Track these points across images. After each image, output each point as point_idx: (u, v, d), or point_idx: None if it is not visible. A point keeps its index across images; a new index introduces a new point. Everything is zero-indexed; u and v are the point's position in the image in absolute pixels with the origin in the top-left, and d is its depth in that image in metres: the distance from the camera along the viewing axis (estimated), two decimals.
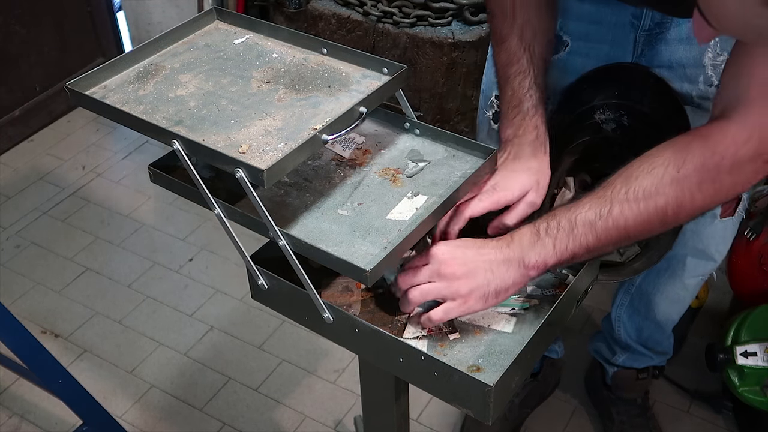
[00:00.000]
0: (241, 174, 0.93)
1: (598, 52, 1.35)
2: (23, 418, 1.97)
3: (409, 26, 2.38)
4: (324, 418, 1.96)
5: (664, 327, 1.71)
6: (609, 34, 1.33)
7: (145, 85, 1.11)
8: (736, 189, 1.02)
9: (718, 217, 1.42)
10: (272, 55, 1.17)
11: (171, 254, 2.44)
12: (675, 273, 1.55)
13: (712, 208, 1.07)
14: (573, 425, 1.95)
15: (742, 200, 1.42)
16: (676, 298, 1.62)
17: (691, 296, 1.63)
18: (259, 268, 1.06)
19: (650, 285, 1.63)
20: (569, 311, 1.09)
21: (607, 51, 1.34)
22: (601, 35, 1.33)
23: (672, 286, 1.59)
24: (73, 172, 2.77)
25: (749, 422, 1.89)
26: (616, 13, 1.30)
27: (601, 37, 1.34)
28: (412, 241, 1.01)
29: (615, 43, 1.33)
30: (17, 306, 2.25)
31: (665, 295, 1.61)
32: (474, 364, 1.01)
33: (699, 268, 1.54)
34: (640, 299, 1.67)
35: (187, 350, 2.14)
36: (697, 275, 1.56)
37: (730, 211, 1.41)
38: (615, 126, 1.33)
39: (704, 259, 1.52)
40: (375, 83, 1.09)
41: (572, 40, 1.36)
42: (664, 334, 1.75)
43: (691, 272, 1.54)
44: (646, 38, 1.31)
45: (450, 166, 1.11)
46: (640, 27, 1.30)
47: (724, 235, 1.48)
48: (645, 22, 1.29)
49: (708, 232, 1.46)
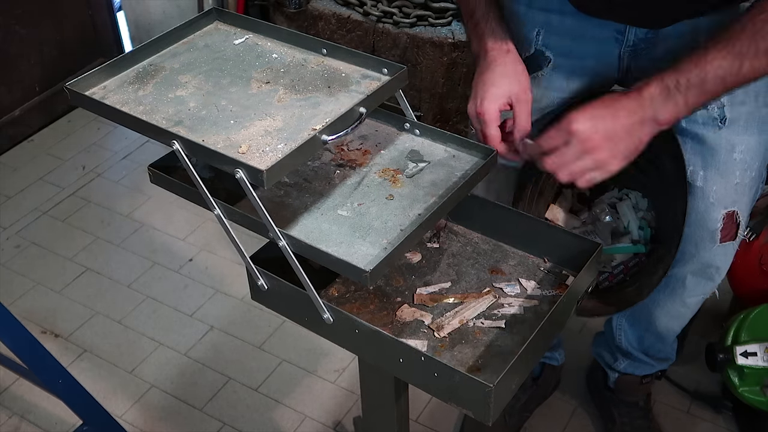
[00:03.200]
0: (240, 174, 0.93)
1: (582, 68, 1.34)
2: (23, 418, 1.97)
3: (409, 26, 2.38)
4: (324, 418, 1.96)
5: (665, 338, 1.68)
6: (592, 50, 1.32)
7: (144, 85, 1.11)
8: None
9: (717, 242, 1.40)
10: (272, 55, 1.17)
11: (171, 254, 2.44)
12: (675, 292, 1.52)
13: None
14: (573, 425, 1.95)
15: (741, 225, 1.40)
16: (677, 314, 1.59)
17: (692, 312, 1.60)
18: (259, 269, 1.06)
19: (650, 300, 1.58)
20: (569, 311, 1.09)
21: (591, 67, 1.33)
22: (584, 51, 1.32)
23: (672, 303, 1.56)
24: (73, 172, 2.77)
25: (749, 422, 1.89)
26: (599, 28, 1.28)
27: (585, 52, 1.32)
28: (412, 242, 1.01)
29: (599, 60, 1.32)
30: (17, 306, 2.25)
31: (665, 310, 1.59)
32: (474, 364, 1.01)
33: (699, 288, 1.51)
34: (640, 311, 1.64)
35: (187, 350, 2.13)
36: (698, 295, 1.53)
37: (731, 236, 1.39)
38: None
39: (704, 279, 1.49)
40: (375, 84, 1.09)
41: (555, 56, 1.34)
42: (666, 343, 1.72)
43: (691, 292, 1.52)
44: (631, 54, 1.30)
45: (450, 166, 1.11)
46: (624, 43, 1.29)
47: (724, 259, 1.45)
48: (629, 37, 1.28)
49: (708, 256, 1.43)
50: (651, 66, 1.28)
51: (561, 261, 1.16)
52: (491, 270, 1.16)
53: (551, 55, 1.34)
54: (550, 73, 1.36)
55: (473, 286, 1.13)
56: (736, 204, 1.37)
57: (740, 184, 1.35)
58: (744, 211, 1.39)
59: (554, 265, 1.16)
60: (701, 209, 1.36)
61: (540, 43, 1.35)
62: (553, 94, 1.36)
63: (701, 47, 1.07)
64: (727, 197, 1.36)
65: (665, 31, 1.26)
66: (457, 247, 1.20)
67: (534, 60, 1.36)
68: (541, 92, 1.35)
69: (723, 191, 1.35)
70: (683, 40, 1.25)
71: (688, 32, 1.24)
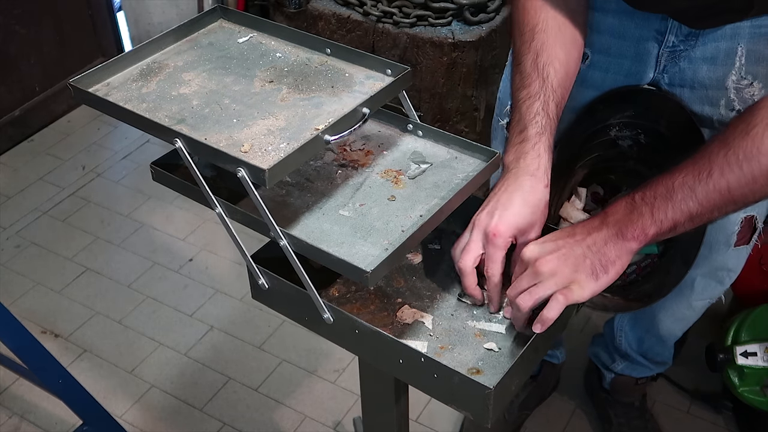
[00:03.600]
0: (242, 173, 0.93)
1: (619, 66, 1.31)
2: (23, 418, 1.97)
3: (409, 26, 2.38)
4: (324, 418, 1.96)
5: (666, 341, 1.68)
6: (631, 49, 1.29)
7: (148, 83, 1.11)
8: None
9: (732, 245, 1.39)
10: (276, 54, 1.17)
11: (171, 254, 2.43)
12: (683, 293, 1.51)
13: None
14: (573, 426, 1.95)
15: (758, 229, 1.38)
16: (681, 317, 1.59)
17: (696, 316, 1.59)
18: (260, 268, 1.06)
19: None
20: (570, 313, 1.09)
21: (628, 66, 1.31)
22: (623, 49, 1.30)
23: (678, 305, 1.55)
24: (73, 172, 2.77)
25: (749, 422, 1.89)
26: (639, 27, 1.27)
27: (623, 51, 1.30)
28: (413, 243, 1.00)
29: (637, 59, 1.30)
30: (17, 306, 2.25)
31: (670, 312, 1.58)
32: (474, 366, 1.01)
33: (707, 291, 1.50)
34: (643, 313, 1.64)
35: (187, 350, 2.13)
36: (705, 298, 1.53)
37: (746, 240, 1.38)
38: (631, 143, 1.32)
39: (714, 281, 1.48)
40: (378, 84, 1.09)
41: (593, 53, 1.32)
42: (665, 347, 1.72)
43: (699, 295, 1.51)
44: (669, 55, 1.28)
45: (452, 168, 1.11)
46: (663, 42, 1.27)
47: (737, 263, 1.45)
48: (669, 37, 1.26)
49: (721, 259, 1.42)
50: (687, 68, 1.27)
51: None
52: None
53: (589, 51, 1.32)
54: (585, 70, 1.33)
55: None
56: (756, 208, 1.36)
57: None
58: (762, 216, 1.38)
59: None
60: None
61: None
62: (588, 91, 1.34)
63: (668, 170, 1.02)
64: None
65: (705, 33, 1.23)
66: None
67: None
68: (576, 89, 1.29)
69: None
70: (721, 45, 1.23)
71: (728, 37, 1.21)
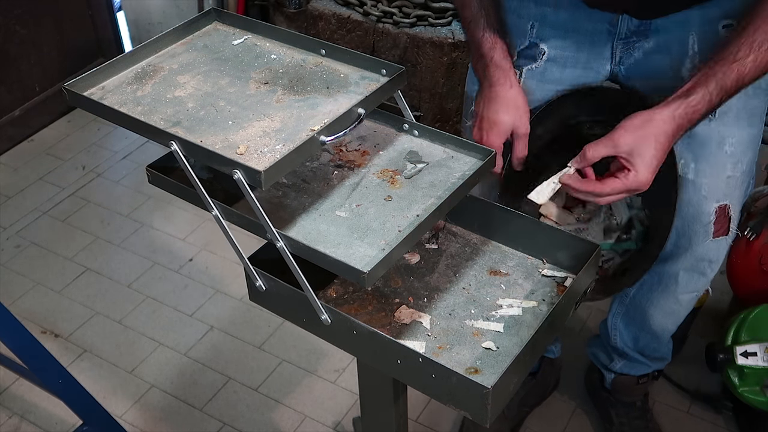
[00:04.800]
0: (238, 175, 0.93)
1: (576, 60, 1.36)
2: (23, 418, 1.97)
3: (409, 26, 2.38)
4: (324, 418, 1.96)
5: (660, 336, 1.69)
6: (586, 42, 1.33)
7: (143, 86, 1.11)
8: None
9: (711, 236, 1.41)
10: (271, 56, 1.17)
11: (171, 254, 2.44)
12: (668, 288, 1.54)
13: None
14: (573, 425, 1.95)
15: (733, 219, 1.41)
16: (671, 311, 1.61)
17: (686, 310, 1.61)
18: (257, 270, 1.06)
19: (644, 298, 1.61)
20: (568, 313, 1.09)
21: (585, 59, 1.35)
22: (578, 43, 1.34)
23: (665, 300, 1.57)
24: (73, 172, 2.77)
25: (749, 422, 1.88)
26: (592, 21, 1.30)
27: (578, 45, 1.34)
28: (410, 243, 1.00)
29: (592, 52, 1.34)
30: (17, 306, 2.25)
31: (659, 308, 1.60)
32: (472, 366, 1.01)
33: (692, 284, 1.52)
34: (635, 310, 1.66)
35: (187, 350, 2.14)
36: (691, 291, 1.55)
37: (723, 231, 1.41)
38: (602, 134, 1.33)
39: (697, 274, 1.50)
40: (373, 84, 1.09)
41: (549, 49, 1.36)
42: (662, 342, 1.73)
43: (684, 288, 1.53)
44: (623, 46, 1.32)
45: (448, 167, 1.11)
46: (616, 35, 1.31)
47: (717, 254, 1.47)
48: (621, 29, 1.30)
49: (701, 251, 1.44)
50: (642, 59, 1.31)
51: (560, 262, 1.15)
52: (490, 271, 1.16)
53: (545, 47, 1.37)
54: (544, 65, 1.38)
55: (473, 287, 1.13)
56: (728, 198, 1.38)
57: (732, 178, 1.36)
58: (736, 206, 1.41)
59: (553, 265, 1.16)
60: (694, 203, 1.38)
61: (534, 36, 1.37)
62: (548, 86, 1.38)
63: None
64: (719, 191, 1.37)
65: (656, 22, 1.28)
66: (455, 248, 1.20)
67: (529, 52, 1.38)
68: (536, 84, 1.38)
69: (715, 184, 1.36)
70: (673, 34, 1.27)
71: (678, 25, 1.26)
